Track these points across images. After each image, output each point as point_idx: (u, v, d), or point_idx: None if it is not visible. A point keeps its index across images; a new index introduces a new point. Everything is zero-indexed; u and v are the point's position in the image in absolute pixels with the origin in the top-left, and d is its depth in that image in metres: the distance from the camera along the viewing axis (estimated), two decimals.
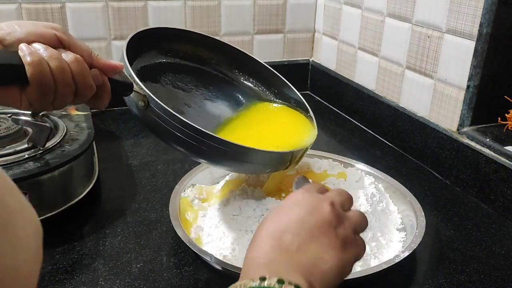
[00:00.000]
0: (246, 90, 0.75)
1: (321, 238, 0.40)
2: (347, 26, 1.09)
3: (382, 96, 0.99)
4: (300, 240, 0.40)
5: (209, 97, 0.71)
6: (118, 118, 1.04)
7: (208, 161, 0.61)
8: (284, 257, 0.39)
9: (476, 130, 0.79)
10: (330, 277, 0.39)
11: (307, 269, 0.38)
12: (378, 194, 0.67)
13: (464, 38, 0.77)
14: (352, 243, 0.42)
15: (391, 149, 0.95)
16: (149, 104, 0.55)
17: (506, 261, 0.63)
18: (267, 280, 0.36)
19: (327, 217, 0.42)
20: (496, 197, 0.73)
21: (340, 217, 0.43)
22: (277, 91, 0.76)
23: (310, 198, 0.44)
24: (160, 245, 0.63)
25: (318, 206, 0.42)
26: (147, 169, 0.82)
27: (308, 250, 0.39)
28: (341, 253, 0.41)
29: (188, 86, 0.70)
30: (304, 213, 0.41)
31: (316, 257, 0.39)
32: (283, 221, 0.41)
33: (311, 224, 0.41)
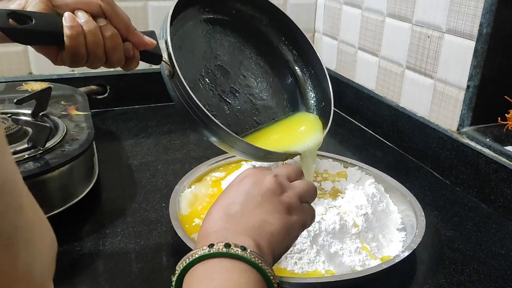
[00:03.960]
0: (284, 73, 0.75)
1: (265, 204, 0.44)
2: (347, 26, 1.09)
3: (382, 96, 0.99)
4: (245, 208, 0.43)
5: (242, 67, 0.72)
6: (118, 118, 1.04)
7: (215, 141, 0.63)
8: (231, 224, 0.42)
9: (476, 130, 0.79)
10: (276, 239, 0.42)
11: (254, 231, 0.41)
12: (378, 194, 0.67)
13: (464, 38, 0.77)
14: (298, 209, 0.46)
15: (391, 149, 0.95)
16: (174, 75, 0.59)
17: (506, 261, 0.63)
18: (215, 246, 0.38)
19: (270, 187, 0.45)
20: (496, 197, 0.73)
21: (283, 186, 0.46)
22: (313, 71, 0.76)
23: (255, 172, 0.48)
24: (160, 245, 0.63)
25: (261, 178, 0.46)
26: (147, 169, 0.82)
27: (253, 216, 0.43)
28: (286, 217, 0.44)
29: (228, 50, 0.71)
30: (249, 185, 0.45)
31: (261, 220, 0.42)
32: (231, 195, 0.45)
33: (255, 193, 0.44)
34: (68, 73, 1.05)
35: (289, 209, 0.45)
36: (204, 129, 0.61)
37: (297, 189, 0.47)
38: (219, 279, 0.37)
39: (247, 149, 0.62)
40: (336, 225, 0.58)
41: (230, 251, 0.38)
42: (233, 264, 0.37)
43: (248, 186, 0.45)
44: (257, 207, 0.43)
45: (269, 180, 0.46)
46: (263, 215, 0.43)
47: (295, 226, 0.45)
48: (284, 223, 0.43)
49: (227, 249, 0.38)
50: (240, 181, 0.47)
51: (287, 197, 0.46)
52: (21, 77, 1.01)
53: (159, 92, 1.11)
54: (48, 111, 0.77)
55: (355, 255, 0.57)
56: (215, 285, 0.36)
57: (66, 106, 0.83)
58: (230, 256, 0.38)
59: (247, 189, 0.45)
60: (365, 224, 0.62)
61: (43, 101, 0.75)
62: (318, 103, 0.75)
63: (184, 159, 0.86)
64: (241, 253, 0.38)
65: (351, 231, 0.59)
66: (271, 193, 0.45)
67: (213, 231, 0.41)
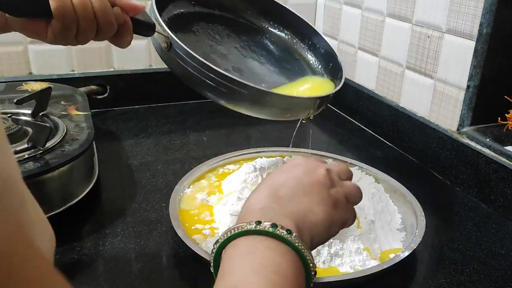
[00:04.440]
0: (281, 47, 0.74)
1: (314, 194, 0.44)
2: (347, 26, 1.09)
3: (382, 96, 0.99)
4: (294, 193, 0.44)
5: (241, 49, 0.71)
6: (118, 118, 1.04)
7: (228, 103, 0.61)
8: (278, 205, 0.42)
9: (476, 130, 0.79)
10: (318, 229, 0.43)
11: (298, 217, 0.42)
12: (378, 194, 0.67)
13: (464, 38, 0.77)
14: (342, 207, 0.46)
15: (391, 149, 0.95)
16: (171, 46, 0.56)
17: (506, 261, 0.63)
18: (262, 224, 0.39)
19: (321, 179, 0.46)
20: (496, 197, 0.73)
21: (333, 181, 0.47)
22: (310, 43, 0.75)
23: (308, 162, 0.48)
24: (160, 245, 0.63)
25: (314, 169, 0.47)
26: (147, 169, 0.82)
27: (300, 202, 0.43)
28: (331, 210, 0.44)
29: (221, 37, 0.70)
30: (301, 173, 0.46)
31: (307, 208, 0.43)
32: (281, 177, 0.46)
33: (306, 182, 0.45)
34: (68, 73, 1.05)
35: (335, 204, 0.45)
36: (218, 91, 0.57)
37: (346, 188, 0.48)
38: (261, 256, 0.37)
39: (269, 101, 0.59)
40: None
41: (276, 231, 0.38)
42: (277, 245, 0.38)
43: (299, 173, 0.46)
44: (305, 195, 0.44)
45: (321, 172, 0.46)
46: (310, 204, 0.44)
47: (337, 222, 0.46)
48: (328, 216, 0.44)
49: (274, 229, 0.38)
50: (292, 167, 0.47)
51: (335, 193, 0.46)
52: (21, 77, 1.01)
53: (159, 92, 1.11)
54: (48, 111, 0.77)
55: (355, 255, 0.57)
56: (257, 261, 0.37)
57: (66, 106, 0.83)
58: (275, 237, 0.38)
59: (298, 176, 0.46)
60: (365, 224, 0.62)
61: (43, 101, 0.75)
62: (326, 67, 0.74)
63: (184, 159, 0.86)
64: (286, 236, 0.38)
65: (351, 232, 0.59)
66: (321, 185, 0.46)
67: (259, 208, 0.42)
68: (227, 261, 0.39)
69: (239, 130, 1.02)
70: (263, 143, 0.94)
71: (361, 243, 0.59)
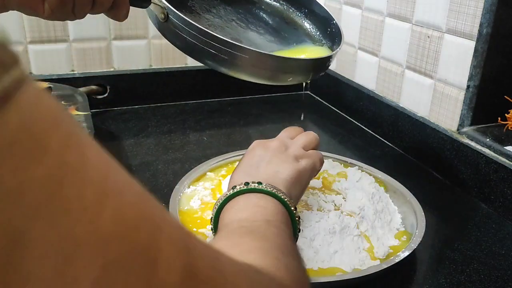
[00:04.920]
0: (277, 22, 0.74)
1: (275, 159, 0.53)
2: (347, 26, 1.09)
3: (382, 96, 0.99)
4: (259, 165, 0.52)
5: (238, 21, 0.70)
6: (118, 118, 1.04)
7: (230, 70, 0.61)
8: (250, 177, 0.49)
9: (476, 130, 0.79)
10: (289, 183, 0.50)
11: (269, 180, 0.48)
12: (378, 194, 0.67)
13: (464, 38, 0.77)
14: (303, 156, 0.55)
15: (391, 149, 0.95)
16: (168, 16, 0.56)
17: (506, 261, 0.63)
18: (236, 187, 0.47)
19: (276, 147, 0.55)
20: (496, 197, 0.73)
21: (286, 144, 0.56)
22: (307, 11, 0.74)
23: (260, 141, 0.57)
24: None
25: (267, 143, 0.56)
26: (147, 169, 0.82)
27: (266, 170, 0.51)
28: (294, 164, 0.52)
29: (217, 10, 0.69)
30: (259, 150, 0.55)
31: (274, 171, 0.51)
32: (245, 161, 0.54)
33: (265, 155, 0.54)
34: (68, 73, 1.05)
35: (296, 159, 0.53)
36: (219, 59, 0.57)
37: (299, 141, 0.57)
38: (243, 203, 0.45)
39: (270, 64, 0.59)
40: (336, 225, 0.58)
41: (249, 187, 0.46)
42: (254, 195, 0.46)
43: (257, 152, 0.54)
44: (268, 163, 0.52)
45: (274, 143, 0.56)
46: (274, 167, 0.51)
47: (304, 170, 0.53)
48: (294, 169, 0.51)
49: (246, 186, 0.46)
50: (250, 151, 0.56)
51: (291, 150, 0.55)
52: None
53: (159, 92, 1.11)
54: None
55: (355, 255, 0.57)
56: (240, 206, 0.45)
57: (66, 106, 0.83)
58: (250, 191, 0.46)
59: (257, 153, 0.54)
60: (365, 224, 0.62)
61: None
62: (324, 33, 0.73)
63: (184, 159, 0.86)
64: (258, 186, 0.46)
65: (351, 231, 0.59)
66: (278, 151, 0.54)
67: (236, 184, 0.48)
68: (220, 220, 0.46)
69: (239, 130, 1.02)
70: None
71: (361, 243, 0.59)
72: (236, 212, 0.44)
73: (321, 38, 0.73)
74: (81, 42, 1.04)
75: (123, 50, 1.07)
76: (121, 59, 1.08)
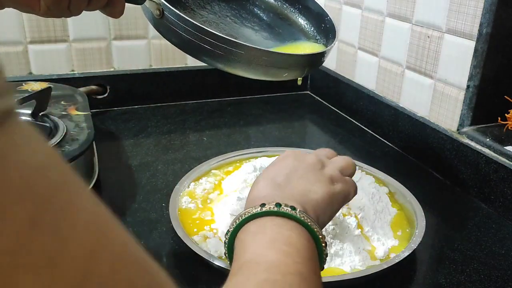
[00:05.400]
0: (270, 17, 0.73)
1: (309, 176, 0.47)
2: (347, 26, 1.09)
3: (382, 96, 0.99)
4: (290, 178, 0.47)
5: (233, 17, 0.70)
6: (118, 118, 1.04)
7: (225, 66, 0.61)
8: (278, 192, 0.44)
9: (476, 130, 0.79)
10: (320, 206, 0.45)
11: (300, 199, 0.44)
12: (378, 194, 0.67)
13: (464, 38, 0.77)
14: (340, 180, 0.49)
15: (391, 149, 0.95)
16: (163, 12, 0.56)
17: (506, 261, 0.63)
18: (266, 206, 0.41)
19: (311, 162, 0.49)
20: (496, 197, 0.73)
21: (323, 161, 0.51)
22: (301, 7, 0.74)
23: (296, 152, 0.52)
24: (160, 245, 0.63)
25: (303, 156, 0.51)
26: (147, 169, 0.82)
27: (298, 185, 0.46)
28: (329, 186, 0.47)
29: (212, 6, 0.69)
30: (292, 161, 0.49)
31: (306, 189, 0.45)
32: (275, 168, 0.49)
33: (298, 167, 0.48)
34: (68, 73, 1.05)
35: (331, 180, 0.48)
36: (215, 55, 0.57)
37: (337, 163, 0.51)
38: (271, 233, 0.39)
39: (265, 60, 0.59)
40: (337, 226, 0.58)
41: (281, 210, 0.40)
42: (284, 222, 0.40)
43: (291, 161, 0.49)
44: (301, 179, 0.47)
45: (310, 157, 0.50)
46: (307, 185, 0.46)
47: (338, 195, 0.48)
48: (327, 191, 0.46)
49: (278, 208, 0.40)
50: (282, 159, 0.51)
51: (329, 170, 0.49)
52: (21, 77, 1.01)
53: (159, 92, 1.11)
54: (48, 111, 0.77)
55: (355, 255, 0.57)
56: (268, 238, 0.39)
57: (66, 106, 0.83)
58: (281, 215, 0.40)
59: (290, 163, 0.49)
60: (365, 224, 0.62)
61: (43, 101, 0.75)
62: (319, 28, 0.74)
63: (184, 159, 0.86)
64: (291, 212, 0.40)
65: (351, 232, 0.59)
66: (313, 167, 0.49)
67: (262, 197, 0.44)
68: (238, 245, 0.40)
69: (239, 130, 1.02)
70: (263, 143, 0.94)
71: (361, 243, 0.59)
72: (263, 247, 0.38)
73: (315, 34, 0.73)
74: (81, 42, 1.04)
75: (123, 50, 1.07)
76: (121, 59, 1.08)
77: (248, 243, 0.39)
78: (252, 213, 0.41)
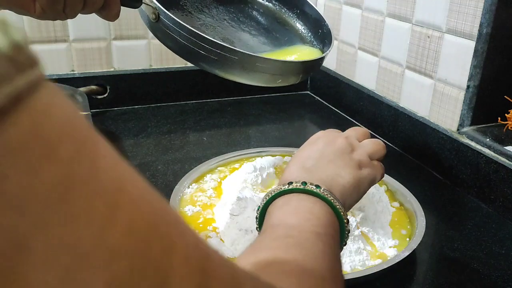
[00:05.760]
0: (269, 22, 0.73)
1: (337, 161, 0.49)
2: (347, 26, 1.09)
3: (382, 96, 0.99)
4: (320, 163, 0.48)
5: (230, 21, 0.70)
6: (118, 118, 1.04)
7: (220, 71, 0.61)
8: (308, 175, 0.46)
9: (476, 130, 0.79)
10: (347, 190, 0.47)
11: (327, 182, 0.46)
12: (378, 194, 0.67)
13: (464, 38, 0.77)
14: (367, 165, 0.51)
15: (391, 149, 0.95)
16: (159, 17, 0.56)
17: (506, 261, 0.63)
18: (293, 184, 0.44)
19: (341, 146, 0.50)
20: (496, 197, 0.73)
21: (353, 145, 0.52)
22: (299, 11, 0.74)
23: (327, 134, 0.53)
24: None
25: (333, 139, 0.52)
26: (147, 169, 0.82)
27: (327, 170, 0.47)
28: (356, 171, 0.49)
29: (209, 10, 0.69)
30: (322, 145, 0.51)
31: (334, 173, 0.47)
32: (306, 152, 0.51)
33: (328, 151, 0.50)
34: (68, 73, 1.05)
35: (359, 165, 0.50)
36: (209, 60, 0.57)
37: (366, 147, 0.53)
38: (296, 205, 0.43)
39: (259, 66, 0.59)
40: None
41: (306, 187, 0.43)
42: (308, 197, 0.43)
43: (321, 146, 0.51)
44: (330, 163, 0.48)
45: (341, 141, 0.51)
46: (336, 170, 0.48)
47: (365, 180, 0.49)
48: (355, 177, 0.48)
49: (304, 186, 0.43)
50: (314, 142, 0.52)
51: (357, 155, 0.51)
52: None
53: (159, 92, 1.11)
54: None
55: (355, 255, 0.57)
56: (292, 208, 0.42)
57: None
58: (306, 192, 0.43)
59: (320, 148, 0.50)
60: (365, 224, 0.62)
61: None
62: (316, 34, 0.74)
63: (184, 159, 0.86)
64: (315, 190, 0.43)
65: (351, 232, 0.59)
66: (343, 151, 0.50)
67: (292, 178, 0.45)
68: (267, 217, 0.44)
69: (239, 130, 1.02)
70: (263, 143, 0.94)
71: (361, 243, 0.59)
72: (286, 214, 0.41)
73: (312, 39, 0.73)
74: (81, 42, 1.04)
75: (123, 50, 1.07)
76: (121, 59, 1.08)
77: (274, 213, 0.43)
78: (280, 190, 0.44)
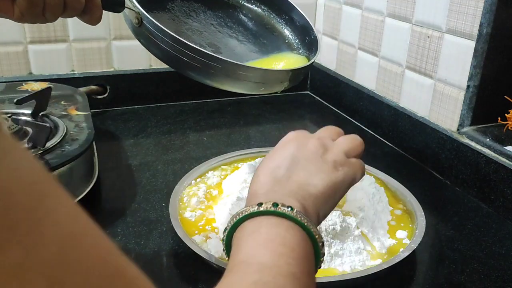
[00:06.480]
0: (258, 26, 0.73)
1: (309, 166, 0.45)
2: (347, 26, 1.09)
3: (382, 96, 0.99)
4: (290, 172, 0.45)
5: (217, 26, 0.70)
6: (118, 118, 1.04)
7: (205, 78, 0.60)
8: (278, 187, 0.43)
9: (476, 130, 0.79)
10: (320, 200, 0.44)
11: (299, 194, 0.43)
12: (378, 194, 0.67)
13: (464, 38, 0.77)
14: (344, 164, 0.47)
15: (391, 149, 0.95)
16: (142, 21, 0.55)
17: (506, 261, 0.63)
18: (263, 205, 0.40)
19: (313, 149, 0.47)
20: (496, 197, 0.73)
21: (326, 145, 0.48)
22: (287, 17, 0.74)
23: (298, 136, 0.49)
24: (160, 245, 0.63)
25: (305, 142, 0.48)
26: (147, 169, 0.82)
27: (298, 179, 0.44)
28: (331, 175, 0.45)
29: (197, 14, 0.69)
30: (293, 150, 0.47)
31: (305, 183, 0.44)
32: (276, 159, 0.47)
33: (299, 157, 0.46)
34: (68, 73, 1.05)
35: (335, 166, 0.46)
36: (193, 67, 0.57)
37: (342, 145, 0.49)
38: (266, 233, 0.39)
39: (242, 74, 0.58)
40: (337, 226, 0.58)
41: (278, 209, 0.40)
42: (280, 222, 0.39)
43: (292, 150, 0.47)
44: (301, 170, 0.45)
45: (312, 143, 0.48)
46: (307, 178, 0.44)
47: (341, 183, 0.46)
48: (329, 182, 0.45)
49: (275, 208, 0.40)
50: (284, 145, 0.48)
51: (332, 155, 0.47)
52: (21, 77, 1.01)
53: (159, 92, 1.11)
54: (48, 111, 0.77)
55: (355, 255, 0.57)
56: (263, 237, 0.39)
57: (66, 106, 0.83)
58: (277, 215, 0.40)
59: (291, 153, 0.47)
60: (365, 224, 0.62)
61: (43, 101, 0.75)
62: (303, 41, 0.73)
63: (184, 159, 0.86)
64: (288, 212, 0.40)
65: (352, 232, 0.59)
66: (315, 155, 0.47)
67: (262, 193, 0.43)
68: (235, 243, 0.40)
69: (239, 130, 1.02)
70: (263, 143, 0.94)
71: (361, 243, 0.59)
72: (257, 247, 0.38)
73: (299, 46, 0.73)
74: (81, 42, 1.04)
75: (123, 50, 1.07)
76: (121, 59, 1.08)
77: (243, 242, 0.39)
78: (249, 212, 0.41)
